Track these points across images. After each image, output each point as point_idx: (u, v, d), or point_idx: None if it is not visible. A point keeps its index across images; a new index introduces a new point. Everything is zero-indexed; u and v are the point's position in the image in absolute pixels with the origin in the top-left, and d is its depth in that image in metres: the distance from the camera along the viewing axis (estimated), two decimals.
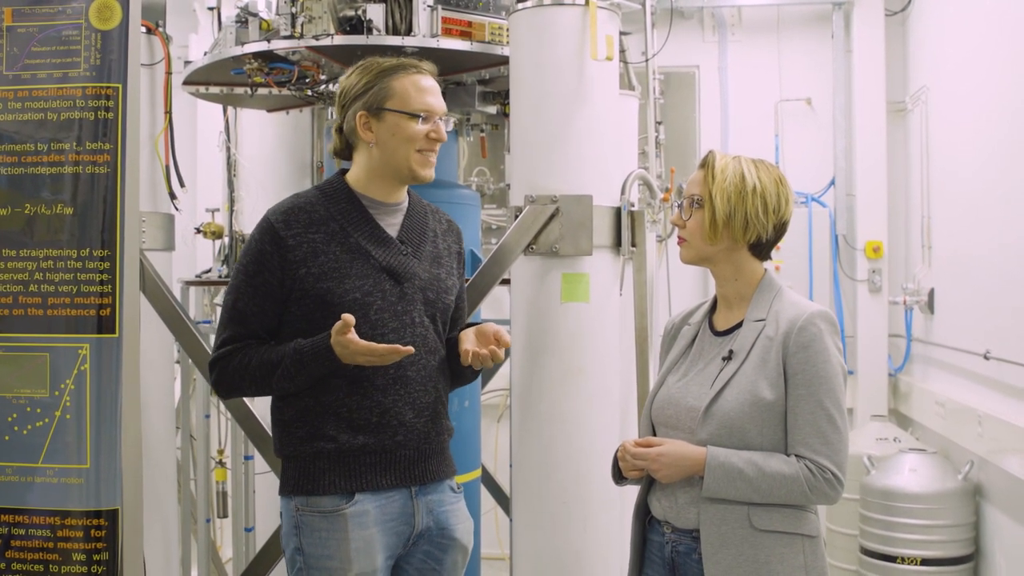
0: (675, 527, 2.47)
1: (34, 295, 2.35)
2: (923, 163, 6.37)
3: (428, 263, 2.77)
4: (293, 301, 2.63)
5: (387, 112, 2.69)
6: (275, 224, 2.64)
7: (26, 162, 2.34)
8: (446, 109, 2.79)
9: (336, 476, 2.61)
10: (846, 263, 6.96)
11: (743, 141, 7.10)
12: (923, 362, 6.46)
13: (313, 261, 2.62)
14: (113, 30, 2.32)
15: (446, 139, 2.75)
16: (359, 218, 2.70)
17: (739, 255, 2.54)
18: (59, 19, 2.36)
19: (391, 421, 2.65)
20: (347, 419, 2.62)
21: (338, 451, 2.61)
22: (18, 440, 2.33)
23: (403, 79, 2.71)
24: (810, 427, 2.36)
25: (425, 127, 2.70)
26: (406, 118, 2.69)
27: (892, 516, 5.28)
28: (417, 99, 2.70)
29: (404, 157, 2.70)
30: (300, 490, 2.63)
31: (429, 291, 2.74)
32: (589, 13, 3.32)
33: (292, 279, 2.61)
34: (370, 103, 2.70)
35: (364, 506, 2.60)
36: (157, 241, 3.74)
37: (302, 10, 3.74)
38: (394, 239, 2.72)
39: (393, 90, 2.70)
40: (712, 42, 7.25)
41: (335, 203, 2.71)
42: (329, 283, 2.61)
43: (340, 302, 2.60)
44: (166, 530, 3.79)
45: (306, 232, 2.64)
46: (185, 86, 4.33)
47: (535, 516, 3.44)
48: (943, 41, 6.16)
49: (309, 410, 2.63)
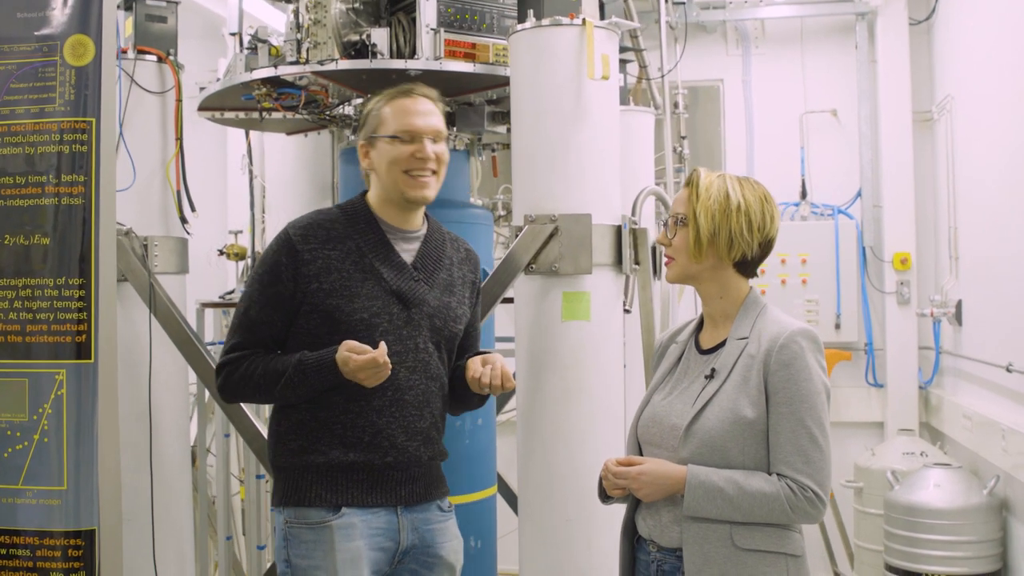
0: (660, 546, 2.46)
1: (13, 323, 2.42)
2: (950, 173, 6.30)
3: (440, 291, 2.81)
4: (302, 315, 2.68)
5: (377, 139, 2.76)
6: (293, 237, 2.71)
7: (5, 195, 2.42)
8: (438, 128, 2.80)
9: (323, 489, 2.65)
10: (874, 275, 6.90)
11: (768, 154, 7.09)
12: (953, 374, 6.38)
13: (326, 277, 2.67)
14: (87, 66, 2.39)
15: (432, 157, 2.75)
16: (376, 240, 2.75)
17: (724, 273, 2.54)
18: (35, 56, 2.44)
19: (382, 442, 2.68)
20: (340, 436, 2.66)
21: (327, 465, 2.66)
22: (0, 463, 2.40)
23: (391, 104, 2.78)
24: (791, 446, 2.35)
25: (409, 148, 2.73)
26: (389, 141, 2.74)
27: (916, 532, 5.22)
28: (399, 121, 2.75)
29: (393, 181, 2.75)
30: (289, 502, 2.68)
31: (437, 318, 2.78)
32: (586, 33, 3.34)
33: (304, 293, 2.66)
34: (366, 132, 2.80)
35: (351, 519, 2.64)
36: (170, 265, 3.83)
37: (307, 36, 3.81)
38: (407, 265, 2.76)
39: (382, 117, 2.77)
40: (736, 55, 7.24)
41: (354, 223, 2.76)
42: (338, 300, 2.66)
43: (347, 320, 2.65)
44: (180, 548, 3.85)
45: (322, 248, 2.70)
46: (201, 112, 4.41)
47: (540, 533, 3.45)
48: (968, 49, 6.09)
49: (304, 424, 2.69)
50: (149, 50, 3.89)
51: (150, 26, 3.95)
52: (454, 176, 4.35)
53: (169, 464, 3.76)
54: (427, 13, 3.68)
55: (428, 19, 3.68)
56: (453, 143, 4.18)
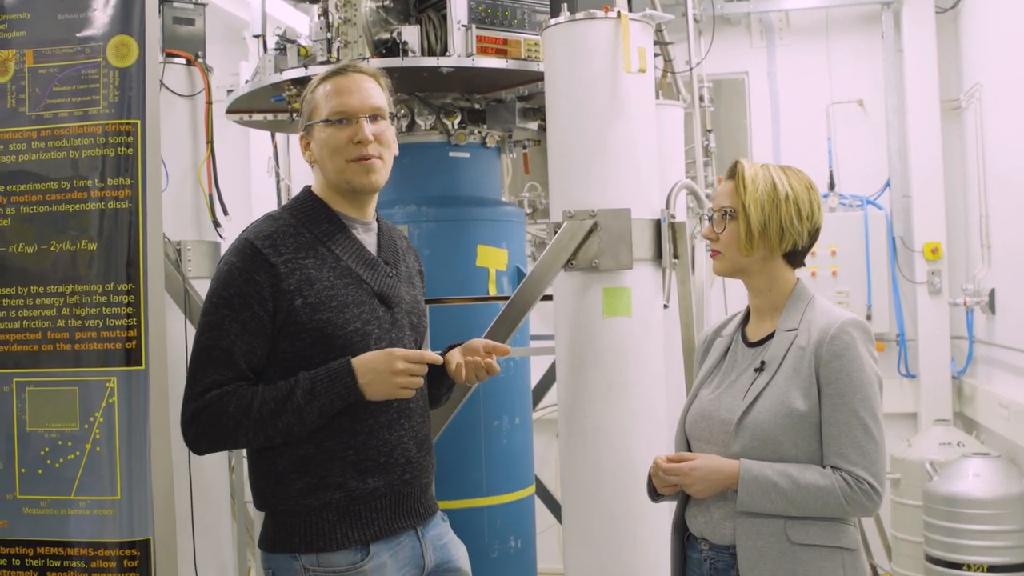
0: (712, 543, 2.44)
1: (62, 330, 2.38)
2: (979, 161, 6.25)
3: (406, 284, 2.61)
4: (284, 337, 2.37)
5: (313, 127, 2.49)
6: (263, 250, 2.37)
7: (51, 200, 2.38)
8: (377, 105, 2.48)
9: (348, 528, 2.39)
10: (904, 266, 6.85)
11: (795, 146, 7.04)
12: (986, 364, 6.32)
13: (309, 290, 2.37)
14: (131, 67, 2.36)
15: (370, 140, 2.43)
16: (344, 239, 2.48)
17: (774, 264, 2.51)
18: (78, 59, 2.40)
19: (398, 459, 2.46)
20: (353, 462, 2.40)
21: (348, 500, 2.39)
22: (51, 473, 2.36)
23: (322, 87, 2.50)
24: (845, 437, 2.33)
25: (346, 132, 2.44)
26: (324, 127, 2.46)
27: (956, 523, 5.18)
28: (331, 102, 2.46)
29: (336, 171, 2.46)
30: (309, 548, 2.37)
31: (413, 315, 2.59)
32: (621, 26, 3.32)
33: (286, 312, 2.35)
34: (303, 121, 2.53)
35: (381, 559, 2.41)
36: (203, 269, 3.80)
37: (338, 35, 3.80)
38: (379, 260, 2.53)
39: (316, 101, 2.50)
40: (760, 47, 7.21)
41: (316, 223, 2.47)
42: (328, 313, 2.38)
43: (341, 334, 2.39)
44: (221, 560, 3.84)
45: (296, 257, 2.39)
46: (229, 115, 4.40)
47: (585, 532, 3.43)
48: (996, 37, 6.04)
49: (310, 458, 2.38)
50: (178, 53, 3.85)
51: (178, 28, 3.91)
52: (486, 174, 4.36)
53: (208, 471, 3.75)
54: (458, 9, 3.67)
55: (459, 15, 3.67)
56: (484, 139, 4.17)
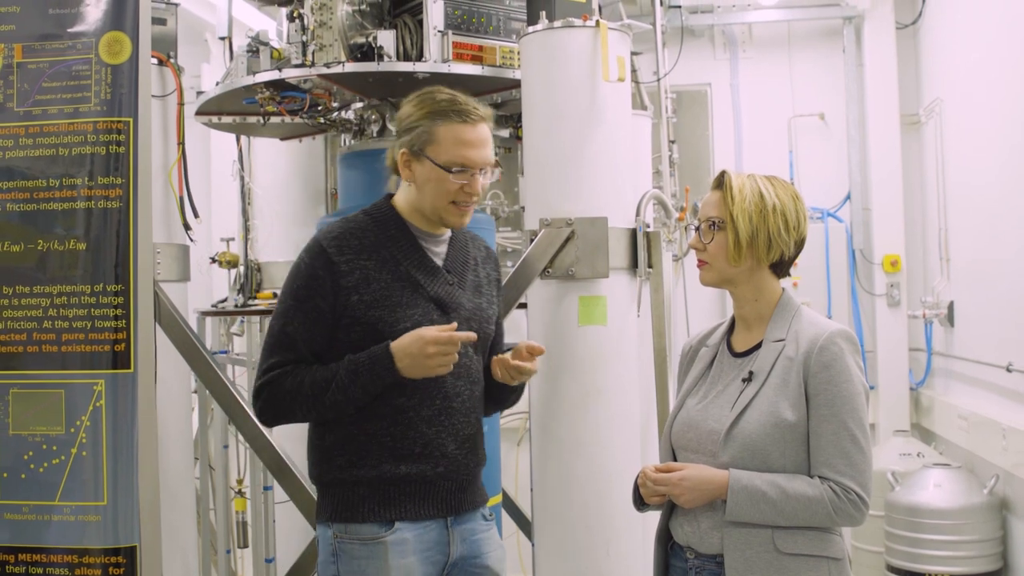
0: (698, 552, 2.43)
1: (48, 331, 2.32)
2: (939, 175, 6.34)
3: (471, 293, 2.77)
4: (342, 328, 2.61)
5: (425, 158, 2.65)
6: (328, 249, 2.61)
7: (38, 198, 2.33)
8: (492, 159, 2.70)
9: (375, 504, 2.59)
10: (864, 278, 6.93)
11: (757, 158, 7.09)
12: (944, 375, 6.40)
13: (365, 288, 2.60)
14: (123, 64, 2.31)
15: (479, 192, 2.66)
16: (409, 246, 2.69)
17: (760, 275, 2.52)
18: (69, 54, 2.35)
19: (434, 452, 2.64)
20: (390, 448, 2.60)
21: (379, 479, 2.60)
22: (35, 478, 2.30)
23: (448, 127, 2.64)
24: (833, 448, 2.33)
25: (459, 181, 2.63)
26: (441, 170, 2.63)
27: (918, 532, 5.24)
28: (455, 152, 2.63)
29: (435, 207, 2.67)
30: (339, 517, 2.61)
31: (473, 321, 2.73)
32: (600, 35, 3.31)
33: (344, 306, 2.59)
34: (413, 143, 2.66)
35: (403, 534, 2.58)
36: (172, 272, 3.73)
37: (312, 38, 3.74)
38: (441, 269, 2.71)
39: (436, 136, 2.64)
40: (723, 59, 7.26)
41: (385, 230, 2.69)
42: (381, 311, 2.59)
43: (391, 332, 2.57)
44: (186, 562, 3.77)
45: (358, 258, 2.62)
46: (198, 116, 4.33)
47: (557, 540, 3.41)
48: (955, 52, 6.13)
49: (352, 438, 2.62)
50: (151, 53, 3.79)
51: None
52: None
53: (174, 477, 3.67)
54: (435, 15, 3.64)
55: (436, 21, 3.64)
56: None
